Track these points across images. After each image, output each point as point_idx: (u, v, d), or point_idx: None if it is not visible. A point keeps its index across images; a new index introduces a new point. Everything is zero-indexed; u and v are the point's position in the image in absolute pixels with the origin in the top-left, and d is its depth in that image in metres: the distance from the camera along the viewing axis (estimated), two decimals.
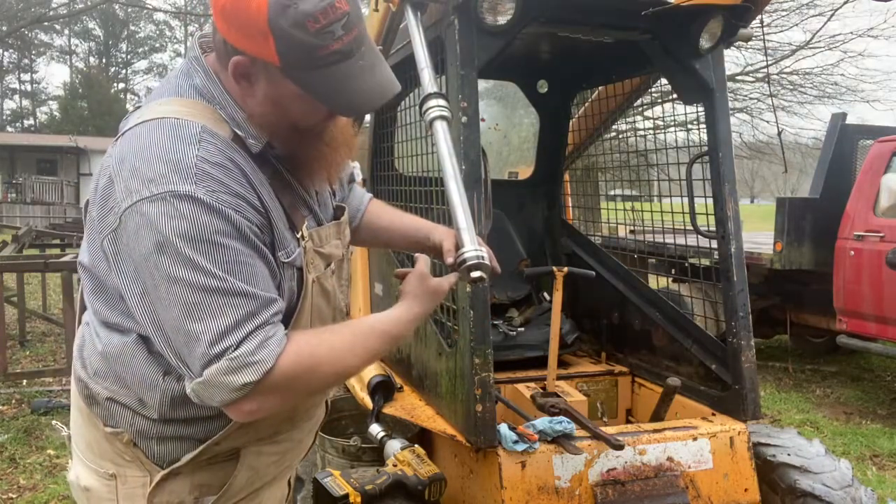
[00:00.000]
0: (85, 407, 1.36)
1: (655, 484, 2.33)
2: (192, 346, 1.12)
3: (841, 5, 12.38)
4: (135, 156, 1.17)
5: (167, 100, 1.28)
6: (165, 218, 1.11)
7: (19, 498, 3.90)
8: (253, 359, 1.12)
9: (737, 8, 2.48)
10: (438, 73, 2.50)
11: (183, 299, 1.11)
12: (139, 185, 1.14)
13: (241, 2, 1.14)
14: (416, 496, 2.28)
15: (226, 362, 1.11)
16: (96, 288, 1.30)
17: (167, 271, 1.11)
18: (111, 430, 1.33)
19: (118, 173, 1.18)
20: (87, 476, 1.38)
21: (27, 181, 28.78)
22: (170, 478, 1.33)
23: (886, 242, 5.53)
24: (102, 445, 1.35)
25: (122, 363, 1.28)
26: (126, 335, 1.28)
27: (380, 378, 2.84)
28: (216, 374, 1.11)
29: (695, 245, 3.09)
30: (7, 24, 20.83)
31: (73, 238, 12.59)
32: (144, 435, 1.32)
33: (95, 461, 1.37)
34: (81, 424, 1.39)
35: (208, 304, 1.11)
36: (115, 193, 1.17)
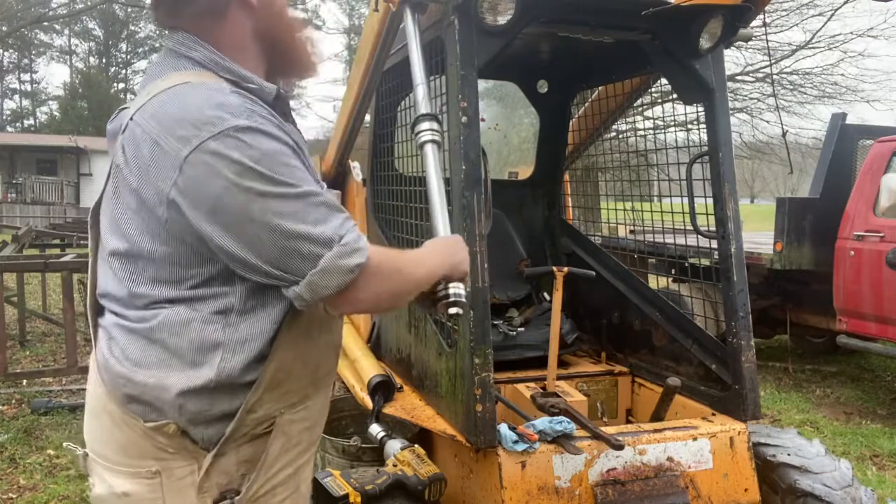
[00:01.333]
0: (118, 409, 1.34)
1: (655, 484, 2.33)
2: (297, 249, 1.21)
3: (841, 5, 12.38)
4: (178, 111, 1.22)
5: (172, 74, 1.32)
6: (234, 150, 1.18)
7: (19, 498, 3.90)
8: (359, 245, 1.25)
9: (737, 8, 2.48)
10: (438, 73, 2.50)
11: (278, 210, 1.20)
12: (195, 131, 1.19)
13: None
14: (416, 496, 2.28)
15: (338, 248, 1.23)
16: (137, 269, 1.32)
17: (255, 191, 1.19)
18: (153, 425, 1.31)
19: (162, 134, 1.21)
20: (123, 482, 1.35)
21: (27, 181, 28.78)
22: (217, 458, 1.35)
23: (886, 242, 5.53)
24: (141, 444, 1.33)
25: (177, 335, 1.30)
26: (175, 305, 1.30)
27: (380, 378, 2.84)
28: (332, 260, 1.22)
29: (695, 245, 3.09)
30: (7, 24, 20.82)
31: (73, 238, 12.59)
32: (194, 418, 1.33)
33: (132, 463, 1.34)
34: (111, 429, 1.36)
35: (304, 208, 1.22)
36: (167, 150, 1.20)
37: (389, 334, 3.21)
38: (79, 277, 6.91)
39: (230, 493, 1.36)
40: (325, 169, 3.69)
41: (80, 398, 5.72)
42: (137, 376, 1.32)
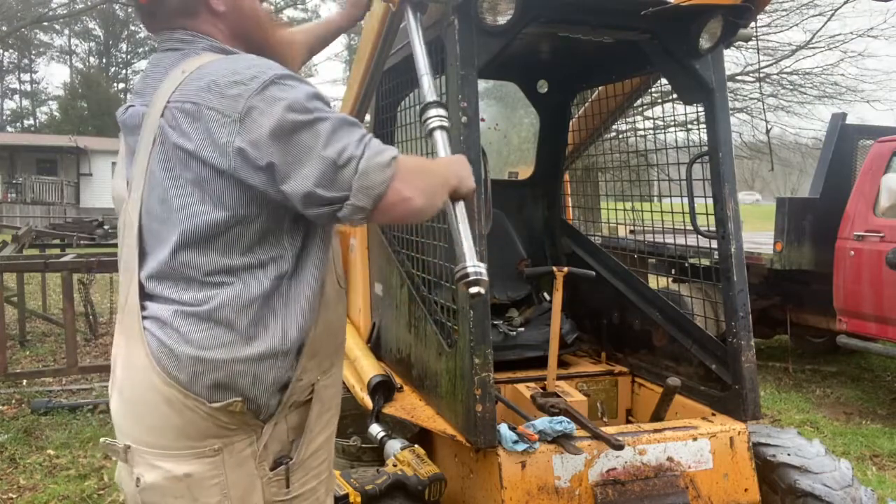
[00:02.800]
0: (178, 395, 1.38)
1: (655, 484, 2.33)
2: (339, 162, 1.32)
3: (841, 5, 12.39)
4: (223, 77, 1.35)
5: (192, 59, 1.44)
6: (280, 92, 1.33)
7: (19, 498, 3.90)
8: (384, 146, 1.37)
9: (737, 8, 2.48)
10: (438, 73, 2.50)
11: (320, 132, 1.33)
12: (243, 88, 1.33)
13: None
14: (416, 496, 2.28)
15: (368, 151, 1.34)
16: (193, 249, 1.39)
17: (302, 122, 1.32)
18: (220, 405, 1.39)
19: (215, 99, 1.33)
20: (183, 464, 1.40)
21: (27, 181, 28.78)
22: (274, 428, 1.46)
23: (886, 242, 5.53)
24: (202, 425, 1.40)
25: (239, 311, 1.39)
26: (233, 281, 1.39)
27: (380, 378, 2.84)
28: (368, 161, 1.33)
29: (695, 245, 3.08)
30: (7, 24, 20.82)
31: (73, 238, 12.59)
32: (266, 388, 1.42)
33: (193, 445, 1.41)
34: (169, 415, 1.40)
35: (341, 128, 1.35)
36: (223, 110, 1.32)
37: (389, 334, 3.21)
38: (79, 277, 6.91)
39: (284, 458, 1.48)
40: None
41: (80, 398, 5.73)
42: (206, 356, 1.38)
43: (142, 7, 1.54)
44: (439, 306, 2.61)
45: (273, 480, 1.47)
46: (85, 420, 5.18)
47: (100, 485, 4.03)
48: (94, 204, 28.60)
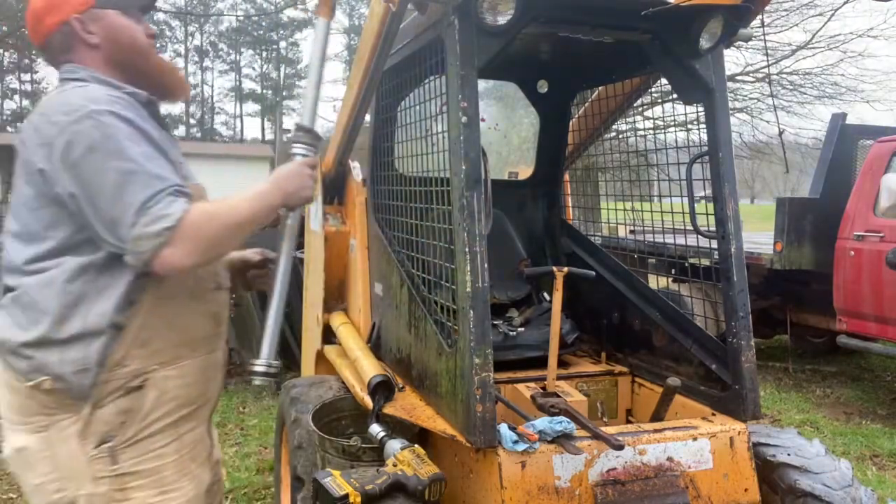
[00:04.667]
0: (9, 378, 1.60)
1: (655, 484, 2.33)
2: (121, 218, 1.48)
3: (841, 5, 12.41)
4: (55, 105, 1.56)
5: (59, 91, 1.66)
6: (91, 129, 1.49)
7: (19, 498, 3.90)
8: (166, 212, 1.49)
9: (737, 8, 2.48)
10: (438, 73, 2.50)
11: (113, 182, 1.48)
12: (63, 117, 1.51)
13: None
14: (416, 496, 2.28)
15: (147, 217, 1.47)
16: (20, 242, 1.60)
17: (98, 162, 1.48)
18: (32, 383, 1.56)
19: (41, 122, 1.55)
20: (20, 438, 1.61)
21: None
22: (96, 410, 1.60)
23: (886, 242, 5.53)
24: (27, 404, 1.59)
25: (43, 294, 1.56)
26: (42, 269, 1.56)
27: (380, 378, 2.84)
28: (140, 228, 1.47)
29: (695, 245, 3.08)
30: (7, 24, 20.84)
31: None
32: (64, 371, 1.56)
33: (26, 420, 1.60)
34: (5, 394, 1.62)
35: (131, 183, 1.48)
36: (43, 133, 1.53)
37: (389, 334, 3.21)
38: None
39: (109, 437, 1.62)
40: (325, 169, 3.69)
41: None
42: (18, 339, 1.56)
43: (39, 49, 1.79)
44: (439, 306, 2.61)
45: (97, 458, 1.61)
46: None
47: None
48: None
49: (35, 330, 1.56)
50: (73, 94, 1.59)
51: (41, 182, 1.54)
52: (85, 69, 1.71)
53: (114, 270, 1.58)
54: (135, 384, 1.63)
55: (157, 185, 1.51)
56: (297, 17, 40.94)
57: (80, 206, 1.51)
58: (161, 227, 1.47)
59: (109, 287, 1.58)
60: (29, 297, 1.56)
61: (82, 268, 1.57)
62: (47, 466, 1.60)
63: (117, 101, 1.58)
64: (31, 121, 1.59)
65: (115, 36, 1.74)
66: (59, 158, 1.50)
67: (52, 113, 1.55)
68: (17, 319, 1.57)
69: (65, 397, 1.57)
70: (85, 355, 1.57)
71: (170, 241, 1.48)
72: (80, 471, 1.60)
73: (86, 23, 1.71)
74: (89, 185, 1.49)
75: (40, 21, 1.73)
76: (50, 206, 1.56)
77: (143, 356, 1.63)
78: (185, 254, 1.51)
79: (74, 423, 1.59)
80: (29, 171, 1.57)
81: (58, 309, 1.55)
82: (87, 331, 1.57)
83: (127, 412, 1.62)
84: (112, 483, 1.62)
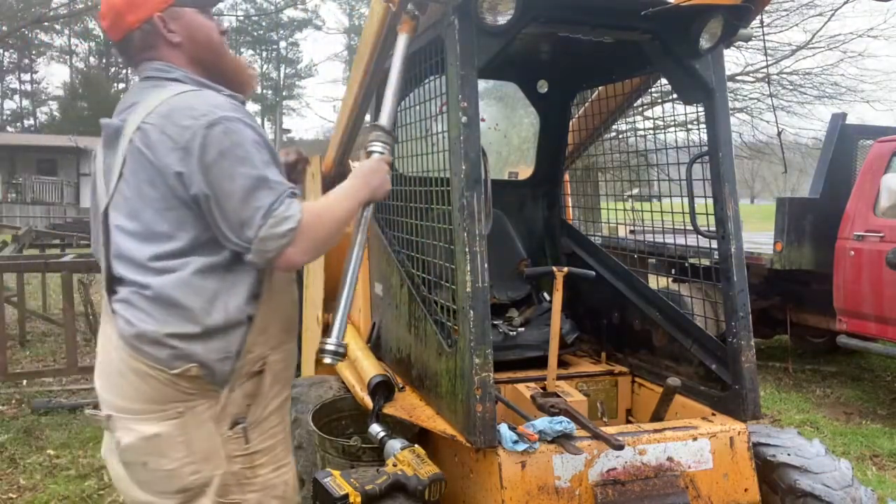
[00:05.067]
0: (143, 366, 1.63)
1: (655, 484, 2.33)
2: (248, 221, 1.58)
3: (841, 5, 12.41)
4: (180, 109, 1.60)
5: (167, 87, 1.68)
6: (222, 135, 1.57)
7: (19, 498, 3.90)
8: (288, 213, 1.60)
9: (737, 8, 2.48)
10: (438, 73, 2.50)
11: (243, 188, 1.58)
12: (193, 120, 1.57)
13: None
14: (416, 496, 2.28)
15: (273, 219, 1.58)
16: (148, 242, 1.64)
17: (229, 168, 1.57)
18: (178, 371, 1.62)
19: (169, 126, 1.59)
20: (153, 426, 1.65)
21: (27, 181, 28.76)
22: (230, 394, 1.70)
23: (886, 242, 5.53)
24: (165, 391, 1.64)
25: (184, 291, 1.63)
26: (180, 268, 1.63)
27: (380, 378, 2.84)
28: (267, 230, 1.58)
29: (695, 245, 3.08)
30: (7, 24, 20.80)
31: (73, 238, 12.59)
32: (210, 359, 1.65)
33: (160, 409, 1.65)
34: (138, 385, 1.65)
35: (259, 189, 1.59)
36: (175, 137, 1.58)
37: (389, 334, 3.21)
38: (79, 277, 6.91)
39: (241, 419, 1.72)
40: (325, 168, 3.69)
41: (80, 398, 5.73)
42: (161, 330, 1.62)
43: (116, 45, 1.80)
44: (439, 306, 2.61)
45: (233, 438, 1.71)
46: (85, 420, 5.17)
47: (100, 485, 4.03)
48: None
49: (177, 323, 1.63)
50: (195, 99, 1.64)
51: (177, 185, 1.60)
52: (177, 69, 1.75)
53: (237, 268, 1.68)
54: (256, 369, 1.75)
55: (278, 189, 1.62)
56: (297, 17, 40.96)
57: (210, 208, 1.59)
58: (286, 228, 1.59)
59: (238, 283, 1.69)
60: (166, 295, 1.62)
61: (211, 266, 1.65)
62: (182, 451, 1.66)
63: (238, 108, 1.66)
64: (154, 124, 1.61)
65: (194, 34, 1.78)
66: (195, 162, 1.57)
67: (179, 117, 1.59)
68: (153, 314, 1.63)
69: (205, 383, 1.66)
70: (227, 344, 1.68)
71: (292, 241, 1.60)
72: (216, 452, 1.69)
73: (167, 21, 1.74)
74: (219, 189, 1.58)
75: (121, 17, 1.73)
76: (181, 209, 1.63)
77: (262, 343, 1.75)
78: (303, 252, 1.65)
79: (210, 408, 1.68)
80: (160, 174, 1.61)
81: (199, 304, 1.64)
82: (229, 322, 1.67)
83: (252, 395, 1.75)
84: (244, 461, 1.73)
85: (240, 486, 1.73)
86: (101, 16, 1.78)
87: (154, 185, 1.62)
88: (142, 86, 1.75)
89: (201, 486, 1.68)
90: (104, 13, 1.76)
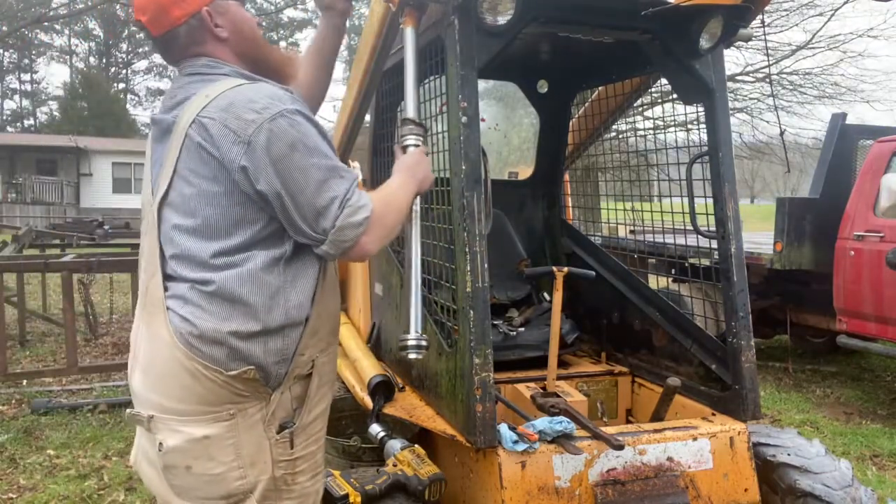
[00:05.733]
0: (198, 366, 1.56)
1: (655, 484, 2.33)
2: (324, 211, 1.56)
3: (841, 5, 12.41)
4: (240, 102, 1.55)
5: (221, 82, 1.63)
6: (288, 127, 1.53)
7: (19, 498, 3.90)
8: (361, 202, 1.60)
9: (737, 8, 2.48)
10: (438, 73, 2.50)
11: (315, 178, 1.55)
12: (256, 115, 1.53)
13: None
14: (416, 496, 2.28)
15: (349, 208, 1.58)
16: (207, 237, 1.59)
17: (299, 160, 1.54)
18: (235, 372, 1.57)
19: (231, 119, 1.53)
20: (202, 428, 1.58)
21: (27, 181, 28.76)
22: (281, 396, 1.65)
23: (886, 242, 5.53)
24: (219, 393, 1.58)
25: (246, 287, 1.57)
26: (240, 263, 1.58)
27: (380, 378, 2.84)
28: (344, 219, 1.57)
29: (695, 245, 3.08)
30: (7, 24, 20.81)
31: (73, 238, 12.57)
32: (267, 361, 1.61)
33: (211, 410, 1.58)
34: (191, 385, 1.57)
35: (330, 176, 1.57)
36: (237, 131, 1.53)
37: (389, 334, 3.21)
38: (79, 277, 6.91)
39: (288, 423, 1.67)
40: None
41: (80, 398, 5.73)
42: (221, 328, 1.56)
43: (156, 41, 1.72)
44: (439, 306, 2.61)
45: (279, 442, 1.65)
46: (85, 420, 5.17)
47: (100, 485, 4.03)
48: (94, 204, 28.58)
49: (238, 320, 1.57)
50: (254, 92, 1.59)
51: (242, 179, 1.54)
52: (226, 64, 1.70)
53: (297, 263, 1.65)
54: (306, 371, 1.70)
55: (349, 177, 1.61)
56: (297, 17, 40.93)
57: (282, 202, 1.55)
58: (362, 217, 1.58)
59: (298, 279, 1.65)
60: (228, 290, 1.57)
61: (273, 260, 1.61)
62: (231, 454, 1.60)
63: (296, 99, 1.62)
64: (215, 118, 1.55)
65: (240, 28, 1.74)
66: (262, 156, 1.52)
67: (241, 110, 1.54)
68: (213, 311, 1.57)
69: (259, 385, 1.61)
70: (285, 345, 1.63)
71: (367, 229, 1.60)
72: (262, 457, 1.63)
73: (214, 15, 1.69)
74: (292, 182, 1.53)
75: (165, 12, 1.66)
76: (244, 203, 1.58)
77: (313, 345, 1.71)
78: (377, 240, 1.65)
79: (260, 411, 1.62)
80: (223, 169, 1.55)
81: (262, 302, 1.59)
82: (289, 322, 1.63)
83: (300, 399, 1.70)
84: (287, 467, 1.67)
85: (278, 493, 1.66)
86: (138, 9, 1.67)
87: (216, 181, 1.57)
88: (188, 81, 1.68)
89: (245, 493, 1.61)
90: (143, 7, 1.67)
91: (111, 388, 6.01)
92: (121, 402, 5.50)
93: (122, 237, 12.10)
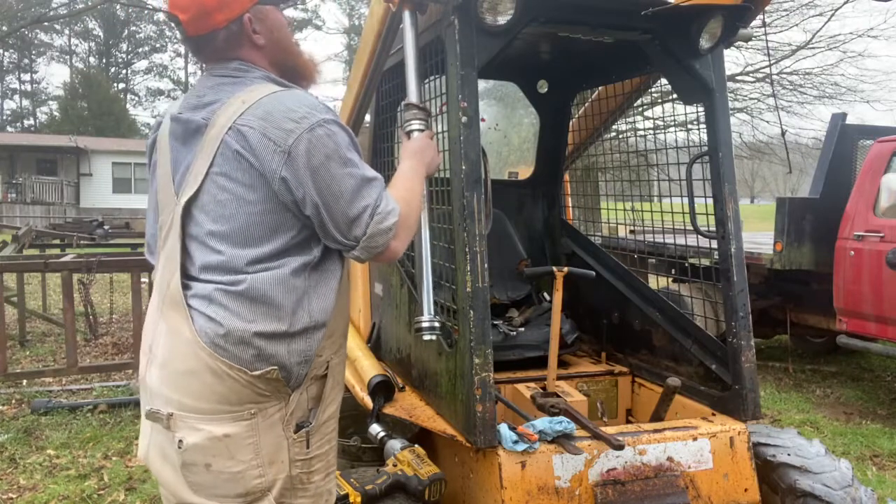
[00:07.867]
0: (222, 365, 1.58)
1: (655, 484, 2.33)
2: (357, 219, 1.62)
3: (841, 5, 12.41)
4: (279, 111, 1.59)
5: (256, 87, 1.66)
6: (325, 137, 1.58)
7: (19, 498, 3.90)
8: (390, 207, 1.66)
9: (737, 8, 2.48)
10: (438, 73, 2.50)
11: (351, 187, 1.61)
12: (294, 125, 1.57)
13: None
14: (416, 496, 2.28)
15: (379, 215, 1.64)
16: (238, 241, 1.61)
17: (335, 170, 1.59)
18: (259, 372, 1.59)
19: (270, 128, 1.57)
20: (223, 427, 1.60)
21: (27, 181, 28.78)
22: (299, 396, 1.68)
23: (886, 242, 5.53)
24: (241, 392, 1.60)
25: (274, 289, 1.60)
26: (269, 267, 1.61)
27: (380, 378, 2.84)
28: (375, 226, 1.63)
29: (695, 245, 3.08)
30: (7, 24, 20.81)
31: (72, 238, 12.58)
32: (291, 362, 1.64)
33: (232, 409, 1.60)
34: (213, 384, 1.59)
35: (364, 187, 1.63)
36: (276, 140, 1.56)
37: (389, 334, 3.21)
38: (79, 277, 6.91)
39: (304, 423, 1.70)
40: None
41: (80, 398, 5.73)
42: (248, 329, 1.59)
43: (189, 39, 1.72)
44: (439, 306, 2.61)
45: (296, 441, 1.68)
46: (85, 420, 5.18)
47: (100, 485, 4.03)
48: (94, 204, 28.60)
49: (266, 321, 1.60)
50: (291, 101, 1.62)
51: (282, 189, 1.58)
52: (257, 68, 1.73)
53: (321, 268, 1.70)
54: (322, 372, 1.74)
55: (378, 185, 1.66)
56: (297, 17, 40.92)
57: (318, 210, 1.59)
58: (391, 222, 1.65)
59: (321, 283, 1.70)
60: (259, 291, 1.60)
61: (303, 266, 1.65)
62: (250, 453, 1.62)
63: (329, 109, 1.66)
64: (254, 127, 1.57)
65: (277, 36, 1.77)
66: (301, 166, 1.56)
67: (280, 120, 1.57)
68: (240, 311, 1.59)
69: (281, 385, 1.64)
70: (308, 347, 1.67)
71: (395, 234, 1.67)
72: (280, 456, 1.66)
73: (253, 21, 1.71)
74: (328, 191, 1.58)
75: (208, 14, 1.66)
76: (281, 212, 1.61)
77: (328, 346, 1.75)
78: (404, 241, 1.73)
79: (279, 410, 1.65)
80: (262, 178, 1.58)
81: (290, 304, 1.63)
82: (313, 324, 1.67)
83: (316, 399, 1.74)
84: (303, 466, 1.70)
85: (294, 491, 1.69)
86: (177, 7, 1.66)
87: (253, 189, 1.59)
88: (218, 83, 1.70)
89: (263, 491, 1.63)
90: (184, 5, 1.65)
91: (111, 388, 6.02)
92: (121, 402, 5.50)
93: (122, 237, 12.11)
